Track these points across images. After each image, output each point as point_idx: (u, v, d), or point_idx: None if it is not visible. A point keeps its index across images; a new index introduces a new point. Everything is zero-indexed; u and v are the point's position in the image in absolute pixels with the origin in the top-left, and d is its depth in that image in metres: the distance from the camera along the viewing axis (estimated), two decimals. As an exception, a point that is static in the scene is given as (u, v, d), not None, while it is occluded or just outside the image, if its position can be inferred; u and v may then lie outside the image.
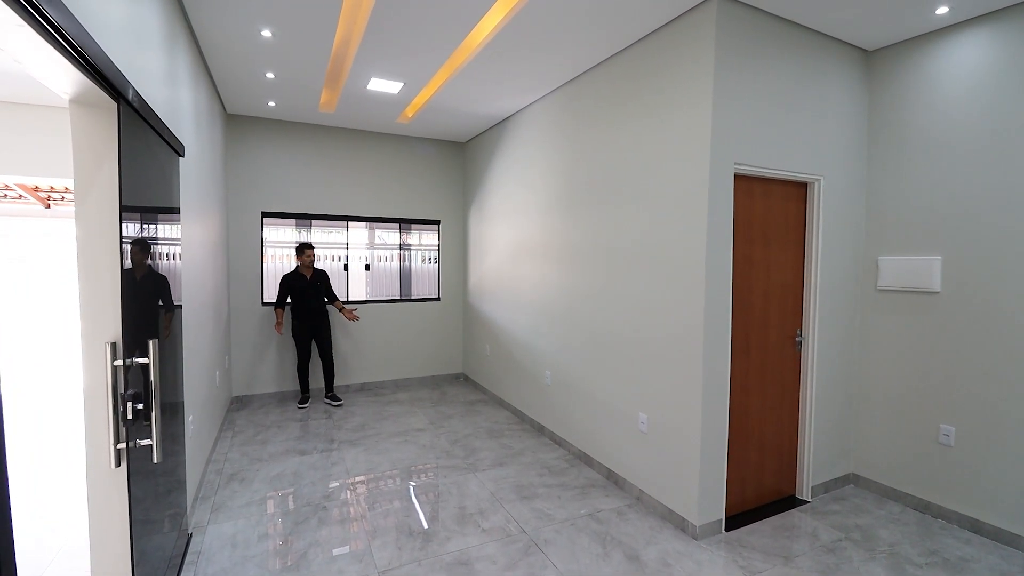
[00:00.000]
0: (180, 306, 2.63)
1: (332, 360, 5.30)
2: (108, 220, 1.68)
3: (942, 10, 2.78)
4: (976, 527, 2.87)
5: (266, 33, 3.25)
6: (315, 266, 5.29)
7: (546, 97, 4.35)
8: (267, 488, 3.34)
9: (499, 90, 4.27)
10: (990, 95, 2.81)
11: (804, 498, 3.28)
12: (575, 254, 3.94)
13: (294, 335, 5.14)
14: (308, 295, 5.06)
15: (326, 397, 5.32)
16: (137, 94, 1.78)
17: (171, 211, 2.40)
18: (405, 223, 6.11)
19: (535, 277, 4.56)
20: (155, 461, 1.75)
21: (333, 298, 5.31)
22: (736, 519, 3.00)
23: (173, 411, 2.39)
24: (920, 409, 3.13)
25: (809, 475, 3.28)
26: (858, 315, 3.44)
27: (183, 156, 2.62)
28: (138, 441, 1.73)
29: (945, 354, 3.01)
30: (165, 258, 2.31)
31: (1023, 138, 2.68)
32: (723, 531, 2.88)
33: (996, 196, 2.78)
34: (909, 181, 3.18)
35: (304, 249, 5.03)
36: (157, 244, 2.17)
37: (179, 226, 2.59)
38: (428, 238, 6.30)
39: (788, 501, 3.25)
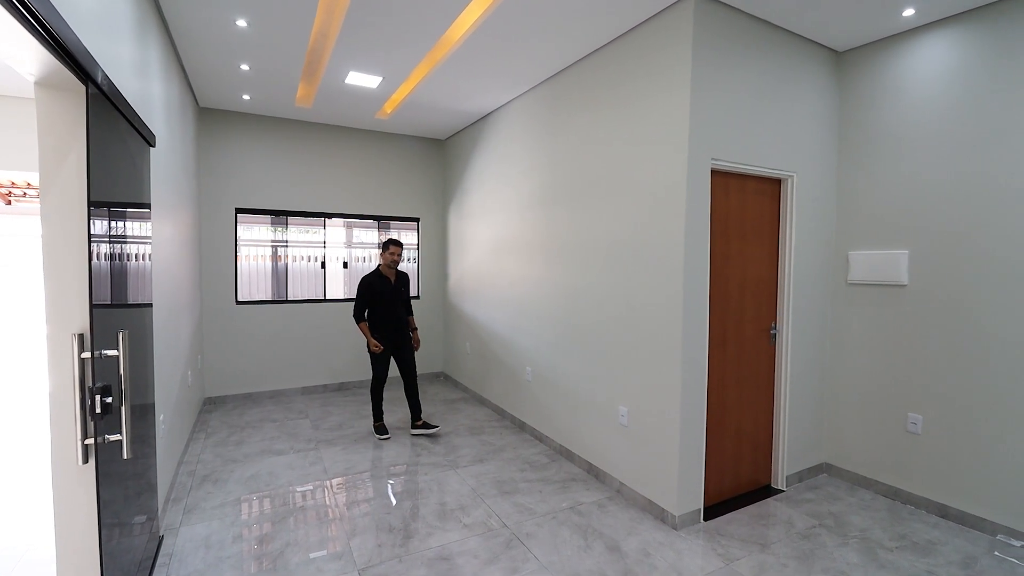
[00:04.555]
0: (151, 304, 2.55)
1: (416, 381, 4.38)
2: (76, 205, 1.62)
3: (908, 12, 2.88)
4: (943, 511, 2.98)
5: (241, 23, 3.18)
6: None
7: (526, 94, 4.36)
8: (242, 489, 3.26)
9: (479, 86, 4.27)
10: (954, 94, 2.92)
11: (779, 487, 3.35)
12: (555, 250, 3.95)
13: (371, 349, 4.18)
14: (392, 302, 4.21)
15: (416, 427, 4.30)
16: (107, 77, 1.72)
17: (142, 203, 2.33)
18: (384, 221, 6.05)
19: (515, 274, 4.56)
20: (125, 457, 1.70)
21: (409, 312, 4.43)
22: (714, 509, 3.05)
23: (143, 412, 2.32)
24: (889, 398, 3.23)
25: (784, 465, 3.35)
26: (830, 308, 3.53)
27: (154, 146, 2.54)
28: (107, 436, 1.67)
29: (912, 345, 3.11)
30: (135, 254, 2.24)
31: (984, 136, 2.79)
32: (702, 520, 2.93)
33: (959, 191, 2.89)
34: (878, 178, 3.28)
35: (389, 245, 4.20)
36: (126, 235, 2.10)
37: (150, 219, 2.52)
38: (407, 236, 6.25)
39: (764, 490, 3.32)
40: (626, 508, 3.07)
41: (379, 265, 4.26)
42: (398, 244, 4.23)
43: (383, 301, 4.16)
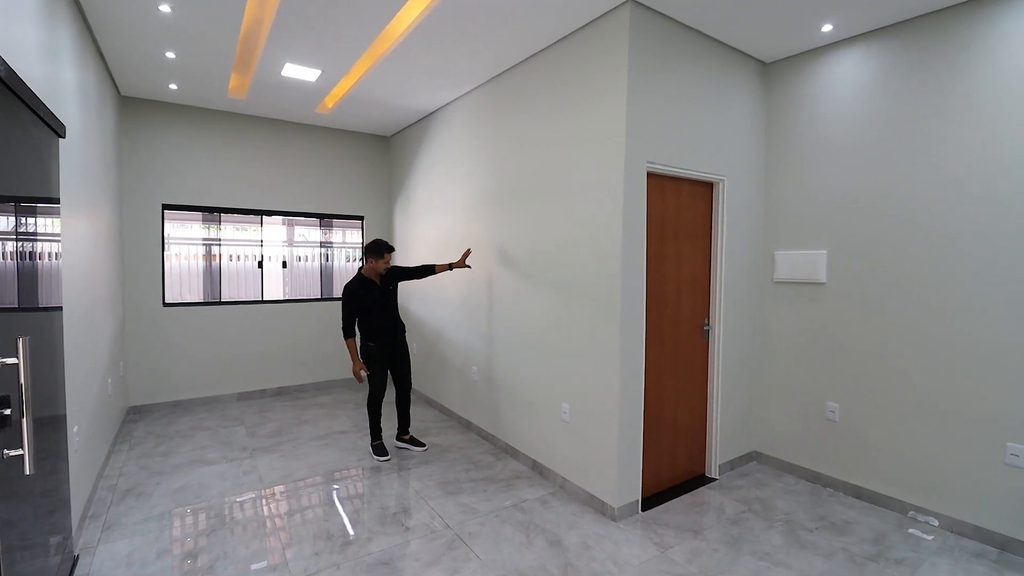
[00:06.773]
0: (60, 308, 2.37)
1: (410, 392, 4.07)
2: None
3: (827, 27, 3.08)
4: (858, 493, 3.21)
5: (164, 8, 3.00)
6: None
7: (471, 93, 4.35)
8: (169, 502, 3.08)
9: (423, 83, 4.22)
10: (869, 105, 3.15)
11: (712, 476, 3.51)
12: (499, 250, 3.97)
13: (368, 361, 3.81)
14: (384, 307, 3.81)
15: (402, 440, 4.02)
16: (3, 61, 1.58)
17: (48, 198, 2.15)
18: (326, 219, 5.87)
19: (461, 274, 4.54)
20: (28, 473, 1.56)
21: (429, 270, 3.99)
22: (652, 499, 3.16)
23: (53, 424, 2.14)
24: (810, 389, 3.45)
25: (716, 455, 3.51)
26: (758, 305, 3.74)
27: (64, 136, 2.36)
28: (6, 452, 1.54)
29: (830, 338, 3.34)
30: (40, 253, 2.07)
31: (895, 145, 3.03)
32: (640, 511, 3.02)
33: (872, 196, 3.13)
34: (801, 182, 3.50)
35: (383, 252, 3.75)
36: (29, 233, 1.94)
37: (59, 215, 2.33)
38: (352, 235, 6.09)
39: (699, 479, 3.47)
40: (568, 503, 3.13)
41: (360, 269, 3.86)
42: (382, 250, 3.75)
43: (373, 307, 3.77)
